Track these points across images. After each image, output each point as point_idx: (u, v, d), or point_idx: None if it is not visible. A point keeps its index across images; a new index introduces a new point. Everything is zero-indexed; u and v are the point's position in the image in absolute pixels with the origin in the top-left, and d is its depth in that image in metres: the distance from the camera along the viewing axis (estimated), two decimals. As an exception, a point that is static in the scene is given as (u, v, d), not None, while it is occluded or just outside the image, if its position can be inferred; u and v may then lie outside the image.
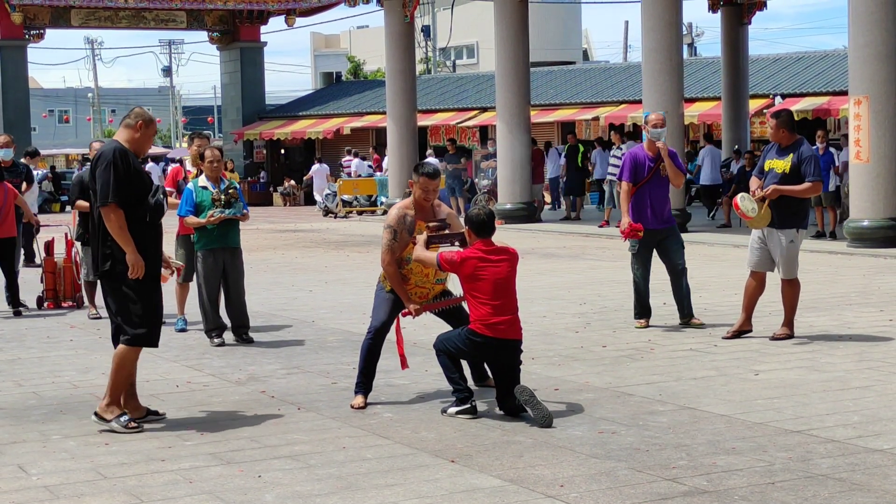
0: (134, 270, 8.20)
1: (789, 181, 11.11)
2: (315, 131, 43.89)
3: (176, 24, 46.37)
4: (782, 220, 11.17)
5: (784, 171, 11.15)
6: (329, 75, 73.00)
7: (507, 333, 8.40)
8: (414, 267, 8.93)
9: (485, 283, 8.37)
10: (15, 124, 43.06)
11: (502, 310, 8.39)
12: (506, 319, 8.39)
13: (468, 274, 8.42)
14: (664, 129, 12.38)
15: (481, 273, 8.38)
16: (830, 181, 22.91)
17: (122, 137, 8.46)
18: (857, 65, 20.37)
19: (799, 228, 11.31)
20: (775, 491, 6.46)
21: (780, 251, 11.23)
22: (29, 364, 11.06)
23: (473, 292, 8.43)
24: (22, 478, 7.10)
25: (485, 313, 8.36)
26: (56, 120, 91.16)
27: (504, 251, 8.54)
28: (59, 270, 15.25)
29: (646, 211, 12.12)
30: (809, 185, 11.10)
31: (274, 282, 17.51)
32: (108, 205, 8.18)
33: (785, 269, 11.29)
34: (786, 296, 11.42)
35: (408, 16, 33.64)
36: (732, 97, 32.29)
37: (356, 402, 8.84)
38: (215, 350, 11.60)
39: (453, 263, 8.47)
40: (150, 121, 8.55)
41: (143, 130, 8.48)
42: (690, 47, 63.20)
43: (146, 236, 8.34)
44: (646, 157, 12.20)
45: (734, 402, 8.67)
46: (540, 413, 8.11)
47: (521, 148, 29.24)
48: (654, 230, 12.13)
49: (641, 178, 12.13)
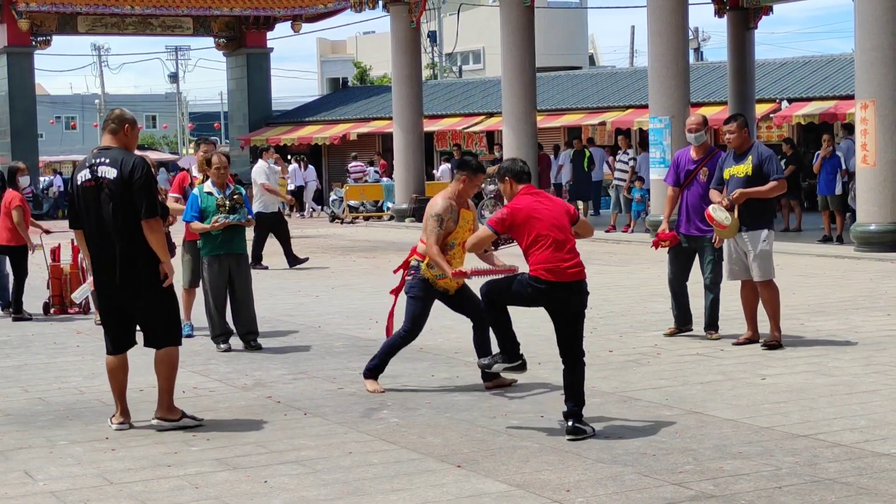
0: (170, 276, 8.43)
1: (753, 183, 11.00)
2: (321, 137, 43.90)
3: (182, 31, 46.45)
4: (752, 222, 11.03)
5: (746, 173, 11.05)
6: (335, 81, 73.16)
7: (572, 276, 8.02)
8: (456, 252, 9.36)
9: (541, 223, 8.04)
10: (22, 131, 43.25)
11: (565, 247, 8.02)
12: (569, 259, 8.02)
13: (523, 220, 8.06)
14: (701, 132, 11.82)
15: (536, 213, 8.07)
16: (837, 185, 22.92)
17: (116, 144, 8.49)
18: (864, 69, 20.34)
19: (769, 229, 11.15)
20: (782, 495, 6.45)
21: (753, 254, 11.09)
22: (35, 370, 11.07)
23: (531, 237, 8.03)
24: (28, 483, 7.10)
25: (548, 255, 8.00)
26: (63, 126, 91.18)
27: (543, 193, 8.45)
28: (65, 277, 15.27)
29: (681, 216, 11.81)
30: (774, 183, 10.99)
31: (280, 287, 17.51)
32: (155, 218, 8.30)
33: (761, 271, 11.11)
34: (766, 301, 11.19)
35: (414, 21, 33.67)
36: (739, 102, 32.20)
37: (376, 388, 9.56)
38: (222, 356, 11.60)
39: (504, 219, 8.13)
40: (134, 122, 8.65)
41: (131, 133, 8.58)
42: (697, 52, 63.13)
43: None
44: (688, 159, 11.84)
45: (741, 407, 8.66)
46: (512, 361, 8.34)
47: (528, 153, 29.22)
48: (689, 237, 11.76)
49: (682, 181, 11.77)
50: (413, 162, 33.79)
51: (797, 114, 31.80)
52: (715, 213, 11.01)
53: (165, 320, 8.52)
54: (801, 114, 31.86)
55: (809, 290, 14.85)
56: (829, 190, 22.90)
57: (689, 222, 11.76)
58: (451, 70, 66.23)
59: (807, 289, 15.56)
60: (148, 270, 8.34)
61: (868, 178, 20.43)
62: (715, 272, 11.78)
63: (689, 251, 11.89)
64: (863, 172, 20.59)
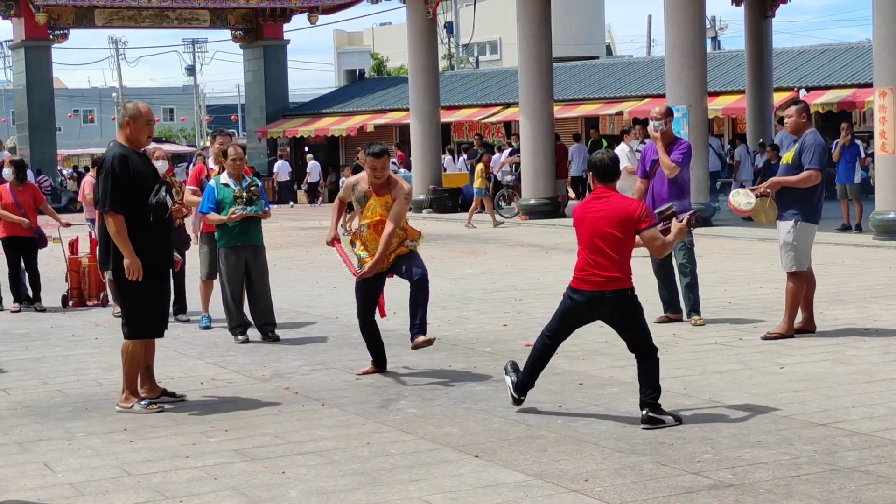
0: (130, 273, 8.61)
1: (792, 172, 10.98)
2: (339, 129, 43.95)
3: (199, 23, 46.54)
4: (781, 212, 11.04)
5: (788, 162, 11.05)
6: (352, 72, 73.12)
7: (599, 285, 7.96)
8: (368, 236, 9.81)
9: (583, 228, 8.05)
10: (40, 124, 43.38)
11: (597, 257, 7.97)
12: (597, 267, 7.96)
13: (576, 223, 8.11)
14: (661, 121, 12.09)
15: (584, 219, 8.06)
16: (856, 174, 22.83)
17: (120, 139, 8.88)
18: (882, 56, 20.24)
19: (798, 221, 10.98)
20: (801, 484, 6.43)
21: (780, 243, 11.11)
22: (54, 362, 11.11)
23: (578, 241, 8.08)
24: (47, 475, 7.12)
25: (580, 263, 8.06)
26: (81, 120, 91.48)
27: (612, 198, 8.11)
28: (83, 269, 15.32)
29: (649, 206, 12.00)
30: (805, 174, 10.84)
31: (298, 279, 17.53)
32: (106, 212, 8.64)
33: (783, 261, 11.08)
34: (786, 291, 11.13)
35: (430, 12, 33.65)
36: (757, 90, 32.16)
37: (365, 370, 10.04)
38: (239, 347, 11.62)
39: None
40: (136, 114, 8.86)
41: (132, 125, 8.83)
42: (714, 41, 62.95)
43: (151, 234, 8.74)
44: (654, 151, 12.17)
45: (759, 396, 8.63)
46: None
47: (545, 143, 29.19)
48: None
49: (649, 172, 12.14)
50: (430, 152, 33.79)
51: (815, 102, 31.71)
52: (734, 197, 11.06)
53: (128, 310, 8.89)
54: (819, 102, 31.78)
55: (828, 278, 14.78)
56: (848, 178, 22.82)
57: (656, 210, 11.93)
58: (467, 61, 66.23)
59: (825, 277, 15.49)
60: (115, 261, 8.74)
61: (887, 166, 20.34)
62: (687, 257, 12.01)
63: None
64: (882, 160, 20.49)
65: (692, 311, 12.00)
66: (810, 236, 11.06)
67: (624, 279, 8.00)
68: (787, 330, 10.99)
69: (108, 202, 8.61)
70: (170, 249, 9.07)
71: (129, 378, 8.85)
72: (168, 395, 9.05)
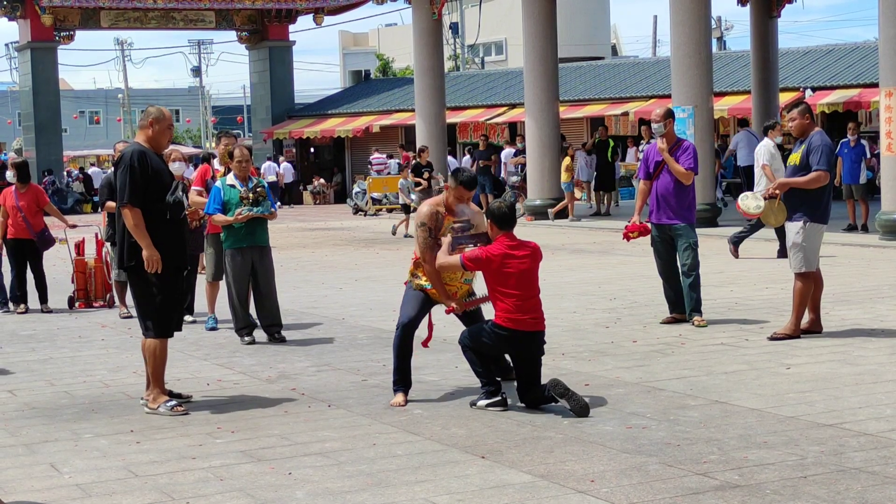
0: (150, 265, 8.70)
1: (800, 173, 10.95)
2: (344, 130, 43.95)
3: (205, 24, 46.56)
4: (789, 213, 11.02)
5: (795, 163, 11.03)
6: (358, 73, 73.11)
7: (531, 326, 8.51)
8: None
9: (510, 278, 8.47)
10: (46, 126, 43.43)
11: (527, 303, 8.51)
12: (530, 312, 8.52)
13: (494, 269, 8.49)
14: (661, 123, 12.03)
15: (506, 269, 8.47)
16: (862, 174, 22.80)
17: (140, 139, 9.04)
18: (888, 56, 20.22)
19: (807, 221, 10.92)
20: (807, 485, 6.43)
21: (788, 243, 11.10)
22: (61, 363, 11.12)
23: (498, 287, 8.51)
24: (54, 476, 7.13)
25: (510, 306, 8.47)
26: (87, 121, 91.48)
27: (527, 246, 8.65)
28: (90, 270, 15.34)
29: (652, 206, 12.09)
30: (812, 175, 10.81)
31: (304, 280, 17.54)
32: (125, 205, 8.75)
33: (792, 262, 11.04)
34: (794, 291, 11.07)
35: (436, 13, 33.65)
36: (762, 91, 32.09)
37: (396, 401, 8.83)
38: (246, 348, 11.63)
39: (479, 261, 8.54)
40: (160, 117, 9.01)
41: (155, 127, 8.99)
42: (719, 41, 62.93)
43: (167, 231, 8.85)
44: (656, 152, 12.10)
45: (766, 396, 8.63)
46: (577, 403, 8.20)
47: (550, 144, 29.19)
48: (661, 225, 12.00)
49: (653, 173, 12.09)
50: (436, 153, 33.75)
51: (821, 102, 31.66)
52: (742, 201, 11.07)
53: (145, 308, 8.95)
54: (825, 102, 31.72)
55: (834, 279, 14.77)
56: (854, 179, 22.79)
57: (659, 211, 12.06)
58: (473, 61, 66.19)
59: (832, 278, 15.47)
60: (136, 256, 8.80)
61: (893, 166, 20.32)
62: (692, 258, 11.96)
63: (666, 240, 12.11)
64: (887, 160, 20.48)
65: (693, 312, 11.96)
66: (819, 237, 11.06)
67: (543, 320, 8.68)
68: (794, 330, 10.99)
69: (126, 196, 8.73)
70: (185, 248, 9.15)
71: (157, 376, 8.89)
72: (174, 397, 9.05)
